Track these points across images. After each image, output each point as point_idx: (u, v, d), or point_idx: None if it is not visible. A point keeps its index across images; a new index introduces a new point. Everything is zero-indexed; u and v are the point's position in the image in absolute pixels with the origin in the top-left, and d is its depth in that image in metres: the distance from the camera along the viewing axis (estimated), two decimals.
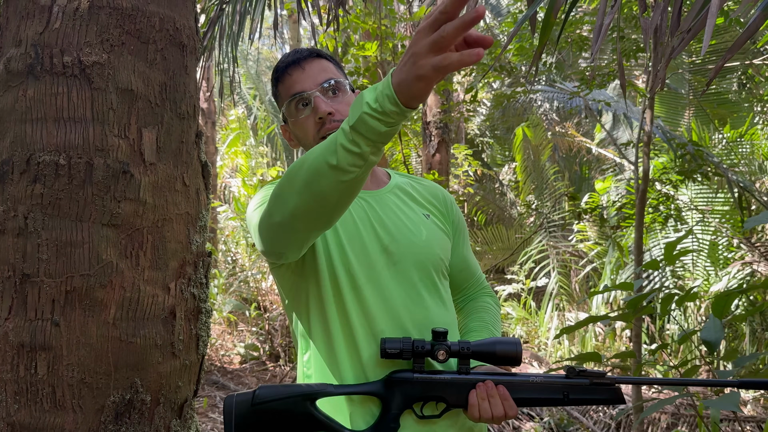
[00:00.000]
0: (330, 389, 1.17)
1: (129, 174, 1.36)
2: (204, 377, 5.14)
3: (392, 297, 1.24)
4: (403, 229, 1.29)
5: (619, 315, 1.73)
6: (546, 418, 5.08)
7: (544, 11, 1.25)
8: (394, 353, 1.13)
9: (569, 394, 1.15)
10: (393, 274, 1.25)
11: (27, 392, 1.29)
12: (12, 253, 1.31)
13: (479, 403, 1.12)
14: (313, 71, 1.27)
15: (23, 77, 1.34)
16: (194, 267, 1.51)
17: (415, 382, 1.15)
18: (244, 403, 1.13)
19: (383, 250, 1.26)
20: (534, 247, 7.94)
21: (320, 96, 1.25)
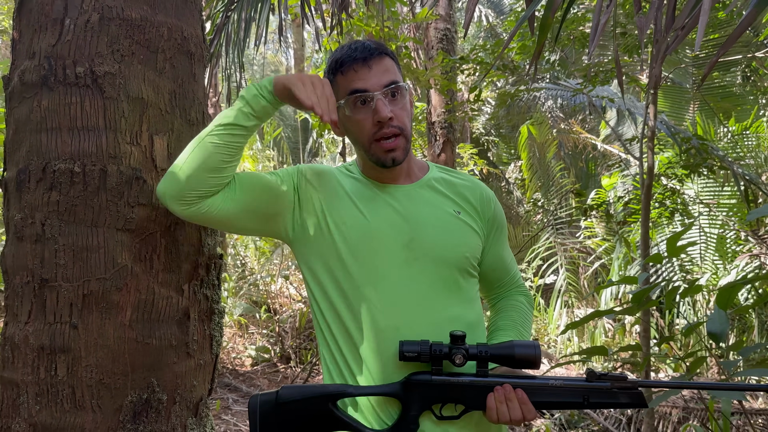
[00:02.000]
0: (350, 390, 1.19)
1: (142, 180, 1.40)
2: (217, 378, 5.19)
3: (410, 292, 1.24)
4: (429, 225, 1.30)
5: (625, 309, 1.76)
6: (557, 414, 5.09)
7: (543, 9, 1.28)
8: (412, 356, 1.14)
9: (590, 398, 1.15)
10: (413, 270, 1.26)
11: (48, 393, 1.33)
12: (30, 259, 1.35)
13: (497, 407, 1.14)
14: (379, 71, 1.25)
15: (37, 88, 1.38)
16: (206, 269, 1.55)
17: (434, 385, 1.16)
18: (269, 402, 1.16)
19: (405, 246, 1.27)
20: (541, 245, 7.95)
21: (382, 99, 1.24)
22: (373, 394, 1.20)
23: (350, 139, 1.34)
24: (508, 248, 1.48)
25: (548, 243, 7.98)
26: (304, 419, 1.16)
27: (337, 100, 1.27)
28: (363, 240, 1.26)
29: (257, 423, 1.15)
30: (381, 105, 1.23)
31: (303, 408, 1.16)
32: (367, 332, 1.23)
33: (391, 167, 1.29)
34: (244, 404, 4.78)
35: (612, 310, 1.76)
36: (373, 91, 1.24)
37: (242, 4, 2.48)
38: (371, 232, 1.27)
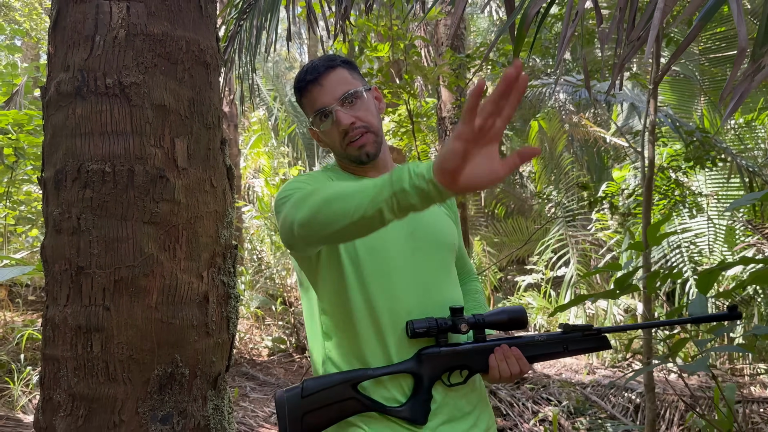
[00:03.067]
0: (369, 372, 1.26)
1: (165, 178, 1.57)
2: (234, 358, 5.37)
3: (417, 279, 1.34)
4: (426, 216, 1.40)
5: (606, 292, 1.89)
6: (564, 402, 5.22)
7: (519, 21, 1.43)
8: (421, 332, 1.26)
9: (568, 346, 1.35)
10: (418, 258, 1.36)
11: (84, 367, 1.51)
12: (68, 249, 1.53)
13: (498, 365, 1.28)
14: (330, 85, 1.36)
15: (72, 98, 1.55)
16: (223, 258, 1.71)
17: (442, 355, 1.29)
18: (295, 396, 1.23)
19: (409, 236, 1.37)
20: (551, 237, 8.05)
21: (340, 109, 1.35)
22: (390, 373, 1.28)
23: (331, 150, 1.46)
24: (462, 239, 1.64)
25: (558, 235, 8.07)
26: (329, 407, 1.24)
27: (309, 118, 1.41)
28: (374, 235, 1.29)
29: (286, 416, 1.22)
30: (341, 115, 1.35)
31: (327, 396, 1.24)
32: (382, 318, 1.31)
33: (368, 162, 1.39)
34: (261, 392, 4.98)
35: (593, 295, 1.90)
36: (329, 105, 1.36)
37: (254, 12, 2.64)
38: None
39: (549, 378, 5.85)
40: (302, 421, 1.22)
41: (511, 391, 5.44)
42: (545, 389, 5.48)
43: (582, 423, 4.92)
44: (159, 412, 1.54)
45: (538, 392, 5.43)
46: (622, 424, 4.89)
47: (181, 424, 1.57)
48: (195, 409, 1.60)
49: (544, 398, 5.32)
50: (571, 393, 5.37)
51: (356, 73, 1.44)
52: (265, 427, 4.30)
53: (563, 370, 6.37)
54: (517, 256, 10.46)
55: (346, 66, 1.41)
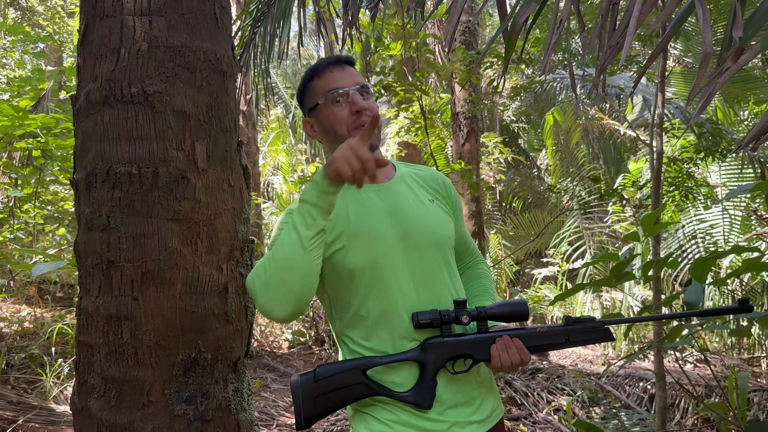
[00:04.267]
0: (377, 360, 1.35)
1: (186, 179, 1.70)
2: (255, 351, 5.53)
3: (415, 278, 1.41)
4: (417, 215, 1.47)
5: (601, 281, 1.98)
6: (579, 392, 5.30)
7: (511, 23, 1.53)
8: (425, 323, 1.34)
9: (570, 338, 1.43)
10: (414, 257, 1.43)
11: (115, 353, 1.65)
12: (99, 245, 1.67)
13: (500, 354, 1.36)
14: (351, 73, 1.48)
15: (100, 106, 1.69)
16: (241, 251, 1.85)
17: (446, 345, 1.37)
18: (308, 380, 1.33)
19: (402, 236, 1.43)
20: (567, 230, 8.10)
21: (357, 93, 1.44)
22: (397, 361, 1.35)
23: (328, 137, 1.51)
24: (465, 225, 1.71)
25: (574, 228, 8.12)
26: (340, 391, 1.33)
27: (316, 101, 1.48)
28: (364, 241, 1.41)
29: (300, 398, 1.31)
30: (357, 97, 1.43)
31: (338, 381, 1.33)
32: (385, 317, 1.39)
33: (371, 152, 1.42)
34: (282, 383, 5.14)
35: (592, 283, 1.99)
36: (348, 87, 1.45)
37: (267, 20, 2.76)
38: (369, 233, 1.42)
39: (564, 368, 5.93)
40: (315, 402, 1.32)
41: (527, 381, 5.53)
42: (560, 379, 5.57)
43: (596, 412, 5.00)
44: (184, 393, 1.68)
45: (552, 382, 5.51)
46: (636, 413, 4.96)
47: (204, 404, 1.70)
48: (217, 391, 1.74)
49: (559, 388, 5.41)
50: (585, 383, 5.45)
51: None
52: (285, 416, 4.45)
53: (578, 361, 6.45)
54: (534, 249, 10.52)
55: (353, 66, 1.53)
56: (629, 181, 7.26)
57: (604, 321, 1.45)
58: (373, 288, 1.40)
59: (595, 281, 1.98)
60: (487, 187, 6.73)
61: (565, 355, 6.63)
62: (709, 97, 1.21)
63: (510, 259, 8.69)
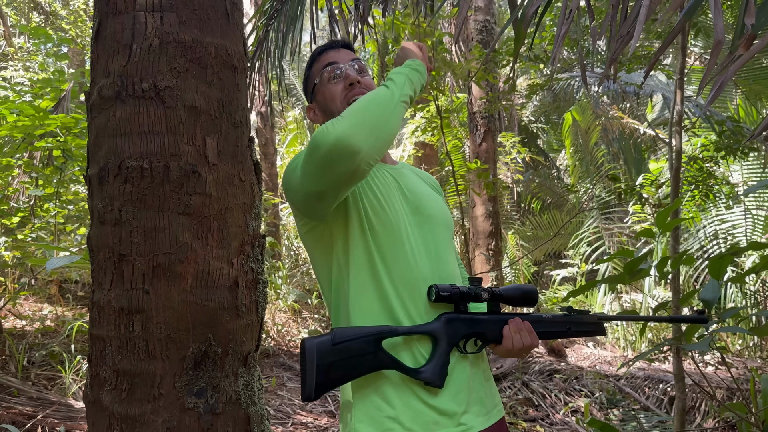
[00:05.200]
0: (396, 329, 1.30)
1: (197, 173, 1.71)
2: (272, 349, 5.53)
3: (428, 250, 1.43)
4: (426, 195, 1.52)
5: (614, 277, 1.96)
6: (597, 393, 5.24)
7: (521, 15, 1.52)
8: (445, 296, 1.33)
9: (571, 327, 1.49)
10: (425, 230, 1.45)
11: (127, 346, 1.67)
12: (111, 239, 1.69)
13: (512, 335, 1.38)
14: (346, 53, 1.56)
15: (113, 101, 1.71)
16: (251, 246, 1.85)
17: (462, 321, 1.37)
18: (325, 343, 1.24)
19: (414, 211, 1.45)
20: (586, 230, 8.02)
21: (350, 68, 1.52)
22: (414, 333, 1.32)
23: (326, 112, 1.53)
24: None
25: (593, 228, 8.04)
26: (354, 358, 1.24)
27: (314, 82, 1.54)
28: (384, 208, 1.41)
29: (314, 363, 1.22)
30: (350, 70, 1.50)
31: (354, 347, 1.25)
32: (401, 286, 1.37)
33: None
34: (297, 381, 5.15)
35: (603, 280, 1.97)
36: (342, 62, 1.52)
37: (280, 18, 2.78)
38: (389, 201, 1.43)
39: (582, 369, 5.87)
40: (329, 369, 1.22)
41: (544, 383, 5.49)
42: (578, 380, 5.52)
43: (614, 414, 4.94)
44: (194, 386, 1.69)
45: (570, 383, 5.47)
46: (656, 416, 4.90)
47: (214, 398, 1.71)
48: (227, 385, 1.74)
49: (577, 389, 5.36)
50: (603, 384, 5.39)
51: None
52: (301, 414, 4.46)
53: (597, 362, 6.38)
54: (553, 250, 10.44)
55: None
56: (649, 180, 7.18)
57: (601, 316, 1.54)
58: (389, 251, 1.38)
59: (608, 278, 1.95)
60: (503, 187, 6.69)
61: (584, 356, 6.56)
62: (721, 86, 1.19)
63: (528, 259, 8.64)
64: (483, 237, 6.96)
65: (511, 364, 5.67)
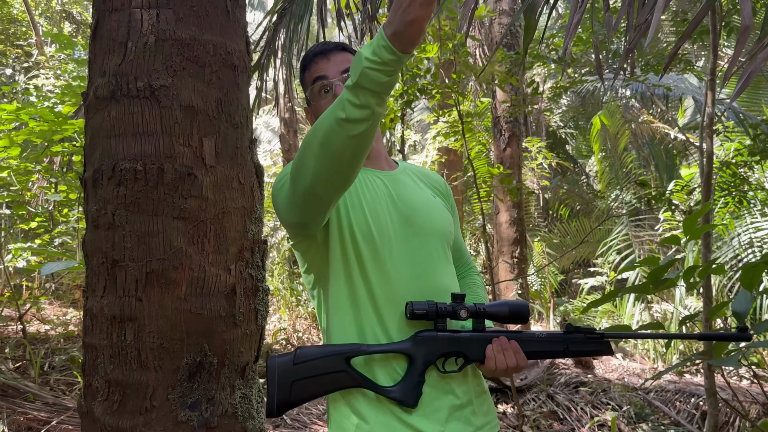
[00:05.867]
0: (363, 348, 1.26)
1: (193, 176, 1.64)
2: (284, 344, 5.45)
3: (413, 265, 1.35)
4: (420, 204, 1.42)
5: (635, 287, 1.83)
6: (625, 407, 5.06)
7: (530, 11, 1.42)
8: (420, 314, 1.26)
9: (569, 347, 1.33)
10: (414, 244, 1.37)
11: (119, 355, 1.60)
12: (104, 243, 1.63)
13: (495, 356, 1.28)
14: (337, 61, 1.40)
15: (107, 101, 1.65)
16: (251, 252, 1.78)
17: (439, 339, 1.29)
18: (287, 363, 1.23)
19: (404, 223, 1.38)
20: (614, 238, 7.81)
21: (341, 84, 1.37)
22: (384, 352, 1.27)
23: None
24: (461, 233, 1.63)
25: (622, 236, 7.83)
26: (320, 377, 1.23)
27: (306, 93, 1.44)
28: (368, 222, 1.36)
29: (275, 382, 1.22)
30: (339, 87, 1.37)
31: (319, 366, 1.24)
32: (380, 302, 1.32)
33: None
34: None
35: (624, 290, 1.84)
36: (332, 77, 1.39)
37: (288, 16, 2.71)
38: (374, 213, 1.37)
39: (609, 382, 5.68)
40: (291, 387, 1.23)
41: (570, 395, 5.32)
42: (605, 393, 5.33)
43: (643, 429, 4.75)
44: (188, 399, 1.62)
45: (597, 396, 5.28)
46: (687, 431, 4.70)
47: (209, 411, 1.63)
48: (223, 397, 1.66)
49: (604, 402, 5.18)
50: (632, 398, 5.20)
51: None
52: (318, 425, 4.38)
53: (625, 374, 6.18)
54: (581, 258, 10.22)
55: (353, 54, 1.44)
56: (680, 186, 6.95)
57: (605, 333, 1.36)
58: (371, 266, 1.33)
59: (629, 287, 1.83)
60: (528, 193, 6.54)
61: (612, 368, 6.36)
62: (749, 76, 1.07)
63: (554, 268, 8.44)
64: (507, 244, 6.82)
65: (536, 376, 5.51)
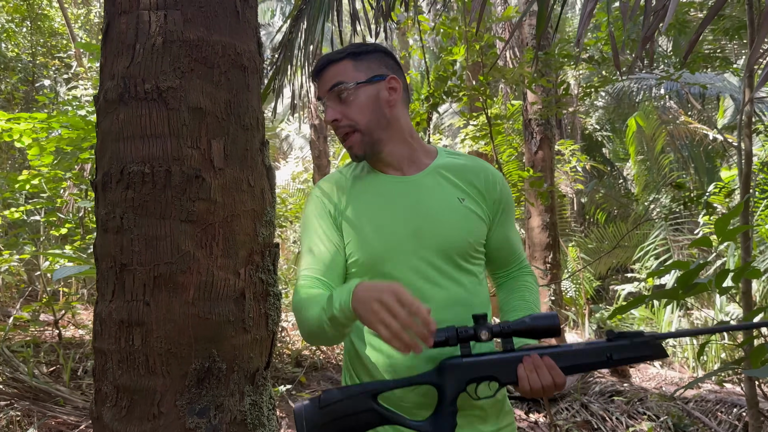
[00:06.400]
0: (390, 384, 1.23)
1: (201, 178, 1.62)
2: (320, 362, 5.42)
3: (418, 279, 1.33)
4: (434, 214, 1.37)
5: (665, 292, 1.74)
6: (663, 417, 4.88)
7: None
8: (440, 342, 1.18)
9: (612, 356, 1.22)
10: (422, 257, 1.34)
11: (127, 360, 1.58)
12: (113, 247, 1.61)
13: (528, 375, 1.19)
14: (327, 78, 1.40)
15: (116, 104, 1.64)
16: (261, 256, 1.74)
17: (466, 366, 1.21)
18: (312, 408, 1.21)
19: (413, 235, 1.34)
20: (651, 242, 7.59)
21: (329, 104, 1.39)
22: (410, 385, 1.23)
23: None
24: (515, 230, 1.51)
25: (660, 240, 7.60)
26: (348, 418, 1.20)
27: None
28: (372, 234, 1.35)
29: (304, 428, 1.19)
30: (328, 110, 1.40)
31: (346, 408, 1.20)
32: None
33: (357, 161, 1.46)
34: None
35: (653, 295, 1.75)
36: (323, 96, 1.41)
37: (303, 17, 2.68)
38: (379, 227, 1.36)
39: (646, 391, 5.50)
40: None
41: (604, 405, 5.16)
42: (641, 403, 5.16)
43: None
44: (196, 405, 1.59)
45: (633, 405, 5.11)
46: None
47: (217, 417, 1.60)
48: (232, 404, 1.63)
49: (640, 412, 5.00)
50: (670, 408, 5.02)
51: (366, 63, 1.40)
52: None
53: (663, 383, 5.97)
54: (618, 264, 9.98)
55: (354, 57, 1.40)
56: (719, 189, 6.72)
57: (656, 335, 1.23)
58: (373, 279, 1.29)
59: (657, 293, 1.73)
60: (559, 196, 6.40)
61: (649, 377, 6.16)
62: None
63: (590, 274, 8.24)
64: (540, 249, 6.68)
65: (569, 385, 5.37)
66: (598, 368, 1.24)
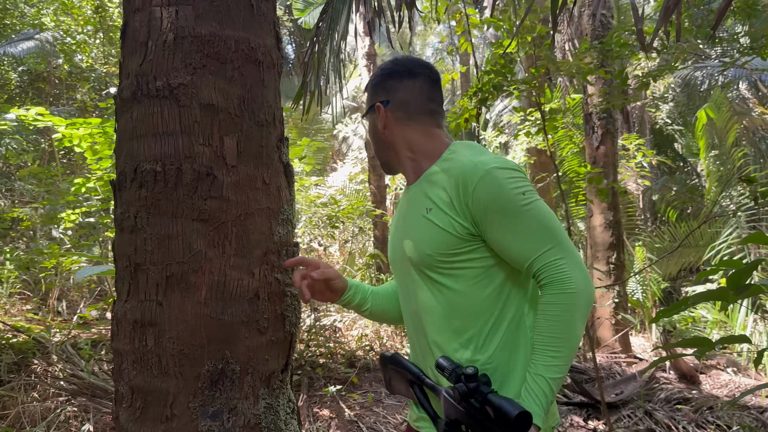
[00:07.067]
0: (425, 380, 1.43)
1: (213, 176, 1.58)
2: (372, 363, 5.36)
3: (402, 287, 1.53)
4: (407, 227, 1.47)
5: (710, 292, 1.57)
6: (735, 427, 4.56)
7: None
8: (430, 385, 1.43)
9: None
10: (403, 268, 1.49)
11: (141, 360, 1.56)
12: (128, 247, 1.60)
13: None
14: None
15: (131, 102, 1.63)
16: (278, 255, 1.69)
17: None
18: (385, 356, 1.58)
19: (399, 247, 1.50)
20: (723, 241, 7.16)
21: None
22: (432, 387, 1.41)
23: None
24: (517, 234, 1.28)
25: (732, 239, 7.16)
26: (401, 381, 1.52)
27: None
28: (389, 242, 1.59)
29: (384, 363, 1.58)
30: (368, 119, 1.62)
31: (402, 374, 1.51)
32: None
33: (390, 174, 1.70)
34: (395, 398, 4.96)
35: (696, 296, 1.59)
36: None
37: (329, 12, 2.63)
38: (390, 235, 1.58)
39: (716, 399, 5.16)
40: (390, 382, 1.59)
41: (670, 413, 4.87)
42: (711, 411, 4.84)
43: None
44: (209, 408, 1.55)
45: (702, 414, 4.80)
46: None
47: (231, 421, 1.56)
48: (246, 407, 1.59)
49: (710, 422, 4.69)
50: (742, 417, 4.68)
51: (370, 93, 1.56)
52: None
53: (737, 390, 5.60)
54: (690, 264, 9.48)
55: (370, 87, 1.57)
56: None
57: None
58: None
59: (704, 292, 1.58)
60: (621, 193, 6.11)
61: (721, 384, 5.80)
62: None
63: (657, 275, 7.85)
64: (602, 249, 6.41)
65: (632, 391, 5.11)
66: None
